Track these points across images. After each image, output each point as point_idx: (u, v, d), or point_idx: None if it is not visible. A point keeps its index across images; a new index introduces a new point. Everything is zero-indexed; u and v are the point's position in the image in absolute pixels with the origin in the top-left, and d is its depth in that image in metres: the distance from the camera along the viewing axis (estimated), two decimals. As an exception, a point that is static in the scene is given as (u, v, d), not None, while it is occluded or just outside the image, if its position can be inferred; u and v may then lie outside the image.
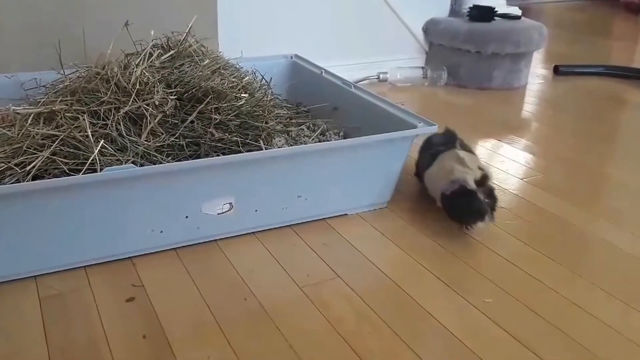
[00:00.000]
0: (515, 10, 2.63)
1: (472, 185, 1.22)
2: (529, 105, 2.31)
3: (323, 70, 1.74)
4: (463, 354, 0.95)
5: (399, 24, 2.48)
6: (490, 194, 1.25)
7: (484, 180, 1.24)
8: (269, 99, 1.49)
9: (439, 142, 1.41)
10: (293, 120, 1.60)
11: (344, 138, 1.52)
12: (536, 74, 2.73)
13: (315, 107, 1.67)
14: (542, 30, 2.46)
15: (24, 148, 1.07)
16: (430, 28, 2.53)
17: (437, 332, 1.00)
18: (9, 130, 1.12)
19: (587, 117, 2.18)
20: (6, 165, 1.04)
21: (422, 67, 2.47)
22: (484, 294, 1.09)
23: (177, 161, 1.19)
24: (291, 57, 1.89)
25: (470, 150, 1.38)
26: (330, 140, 1.50)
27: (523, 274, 1.17)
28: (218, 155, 1.22)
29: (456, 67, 2.46)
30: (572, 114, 2.22)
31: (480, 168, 1.26)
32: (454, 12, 2.60)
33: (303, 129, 1.55)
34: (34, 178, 1.06)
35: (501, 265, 1.20)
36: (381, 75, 2.39)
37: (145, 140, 1.20)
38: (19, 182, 1.05)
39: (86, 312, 0.99)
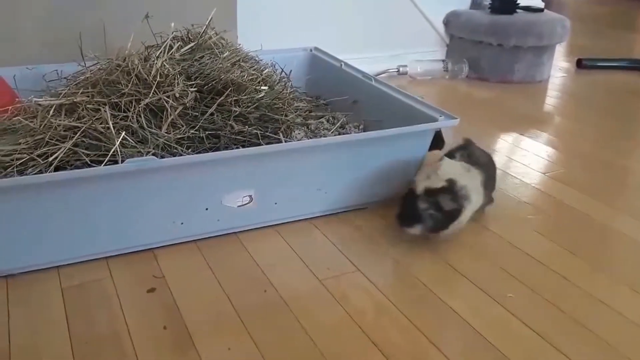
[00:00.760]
0: (538, 3, 2.60)
1: (419, 190, 1.15)
2: (551, 99, 2.29)
3: (342, 63, 1.74)
4: (484, 348, 0.95)
5: (420, 16, 2.46)
6: (438, 207, 1.14)
7: (439, 191, 1.15)
8: (288, 91, 1.50)
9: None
10: (312, 113, 1.60)
11: (364, 131, 1.51)
12: (559, 68, 2.70)
13: (335, 100, 1.67)
14: (565, 23, 2.43)
15: (46, 139, 1.08)
16: (451, 20, 2.51)
17: (458, 326, 0.99)
18: (31, 122, 1.13)
19: (610, 112, 2.16)
20: (29, 157, 1.05)
21: (443, 60, 2.45)
22: (506, 289, 1.09)
23: (197, 153, 1.20)
24: (310, 50, 1.89)
25: (478, 162, 1.27)
26: (350, 133, 1.50)
27: (545, 268, 1.16)
28: (237, 148, 1.22)
29: (477, 60, 2.44)
30: (595, 108, 2.20)
31: (450, 180, 1.16)
32: (475, 4, 2.58)
33: (322, 122, 1.55)
34: (56, 169, 1.07)
35: (523, 260, 1.19)
36: (401, 69, 2.38)
37: (165, 132, 1.21)
38: (42, 173, 1.06)
39: (107, 302, 1.01)
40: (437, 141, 1.39)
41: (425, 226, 1.15)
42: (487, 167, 1.30)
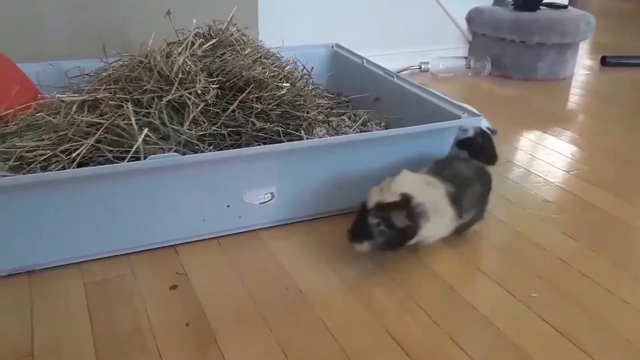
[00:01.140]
0: (562, -1, 2.57)
1: (370, 204, 1.07)
2: (575, 97, 2.27)
3: (364, 60, 1.73)
4: (507, 347, 0.94)
5: (442, 12, 2.45)
6: (390, 223, 1.06)
7: (390, 206, 1.06)
8: (310, 88, 1.49)
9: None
10: (334, 111, 1.59)
11: (386, 129, 1.50)
12: (583, 65, 2.67)
13: (356, 97, 1.66)
14: (589, 20, 2.40)
15: (69, 136, 1.09)
16: (474, 17, 2.49)
17: (481, 325, 0.99)
18: (54, 118, 1.14)
19: (635, 109, 2.13)
20: (52, 153, 1.06)
21: (465, 57, 2.44)
22: (529, 288, 1.08)
23: (218, 150, 1.20)
24: (332, 47, 1.88)
25: (453, 176, 1.16)
26: (372, 130, 1.49)
27: (569, 268, 1.15)
28: (259, 145, 1.22)
29: (500, 57, 2.42)
30: (619, 106, 2.17)
31: (404, 195, 1.07)
32: (498, 0, 2.56)
33: (344, 119, 1.54)
34: (79, 165, 1.08)
35: (547, 259, 1.18)
36: (423, 66, 2.37)
37: (187, 129, 1.21)
38: (65, 169, 1.07)
39: (130, 299, 1.01)
40: (485, 153, 1.37)
41: (375, 243, 1.07)
42: (466, 182, 1.18)
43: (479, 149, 1.42)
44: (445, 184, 1.14)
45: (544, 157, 1.66)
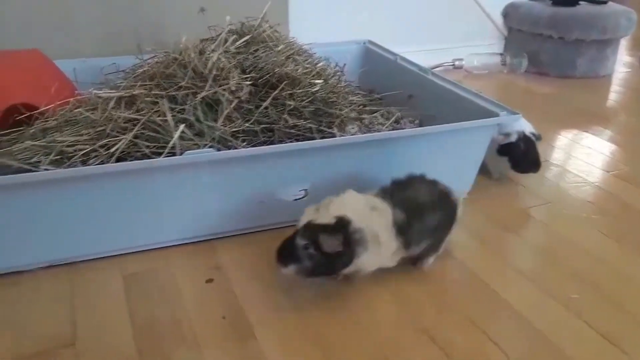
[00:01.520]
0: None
1: (301, 224, 1.01)
2: (615, 95, 2.28)
3: (397, 57, 1.77)
4: (547, 349, 0.97)
5: (476, 8, 2.47)
6: (319, 246, 0.97)
7: (322, 229, 0.98)
8: (342, 85, 1.54)
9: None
10: (366, 108, 1.63)
11: (420, 126, 1.53)
12: (623, 62, 2.67)
13: (389, 94, 1.69)
14: (630, 16, 2.41)
15: (107, 131, 1.15)
16: (510, 12, 2.51)
17: (521, 327, 1.02)
18: (92, 114, 1.20)
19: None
20: (91, 147, 1.12)
21: (501, 54, 2.46)
22: (570, 289, 1.11)
23: (252, 147, 1.25)
24: (364, 43, 1.92)
25: (407, 201, 1.09)
26: (405, 128, 1.52)
27: (610, 269, 1.17)
28: (292, 142, 1.26)
29: (537, 54, 2.44)
30: (662, 105, 2.18)
31: (341, 218, 0.99)
32: (535, -5, 2.58)
33: (376, 117, 1.57)
34: (117, 160, 1.13)
35: (587, 260, 1.20)
36: (456, 62, 2.39)
37: (221, 126, 1.26)
38: (103, 163, 1.12)
39: (167, 291, 1.07)
40: (528, 160, 1.38)
41: (301, 267, 0.99)
42: (421, 209, 1.09)
43: (521, 156, 1.44)
44: (395, 209, 1.06)
45: (582, 157, 1.68)
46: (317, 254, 0.98)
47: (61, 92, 1.29)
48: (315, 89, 1.38)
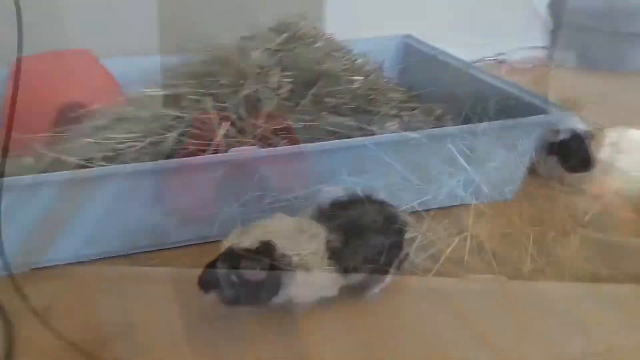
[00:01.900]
0: (658, -17, 2.56)
1: (223, 248, 0.97)
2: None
3: (438, 51, 1.79)
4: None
5: None
6: (240, 274, 0.93)
7: (244, 254, 0.94)
8: (382, 81, 1.60)
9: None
10: (406, 104, 1.65)
11: (464, 124, 1.50)
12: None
13: (430, 91, 1.70)
14: (688, 7, 2.39)
15: (156, 129, 1.25)
16: (556, 3, 2.51)
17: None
18: (141, 111, 1.31)
19: None
20: (142, 144, 1.22)
21: (547, 48, 2.47)
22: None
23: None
24: (403, 38, 1.96)
25: (349, 224, 1.05)
26: (447, 125, 1.51)
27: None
28: (332, 139, 1.30)
29: (586, 48, 2.42)
30: None
31: (266, 243, 0.94)
32: (584, -14, 2.58)
33: (416, 114, 1.59)
34: (166, 157, 1.22)
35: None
36: (499, 57, 2.41)
37: (262, 123, 1.35)
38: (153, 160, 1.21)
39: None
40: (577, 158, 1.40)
41: (223, 295, 0.94)
42: (362, 233, 1.04)
43: (570, 154, 1.46)
44: (330, 234, 1.01)
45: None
46: (240, 282, 0.93)
47: (109, 91, 1.40)
48: (355, 86, 1.45)
